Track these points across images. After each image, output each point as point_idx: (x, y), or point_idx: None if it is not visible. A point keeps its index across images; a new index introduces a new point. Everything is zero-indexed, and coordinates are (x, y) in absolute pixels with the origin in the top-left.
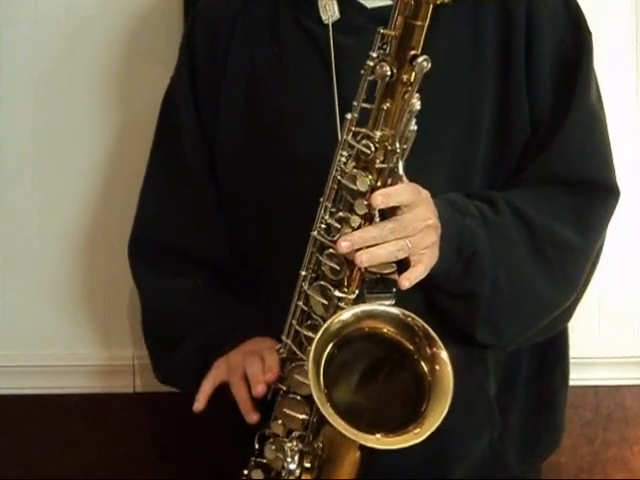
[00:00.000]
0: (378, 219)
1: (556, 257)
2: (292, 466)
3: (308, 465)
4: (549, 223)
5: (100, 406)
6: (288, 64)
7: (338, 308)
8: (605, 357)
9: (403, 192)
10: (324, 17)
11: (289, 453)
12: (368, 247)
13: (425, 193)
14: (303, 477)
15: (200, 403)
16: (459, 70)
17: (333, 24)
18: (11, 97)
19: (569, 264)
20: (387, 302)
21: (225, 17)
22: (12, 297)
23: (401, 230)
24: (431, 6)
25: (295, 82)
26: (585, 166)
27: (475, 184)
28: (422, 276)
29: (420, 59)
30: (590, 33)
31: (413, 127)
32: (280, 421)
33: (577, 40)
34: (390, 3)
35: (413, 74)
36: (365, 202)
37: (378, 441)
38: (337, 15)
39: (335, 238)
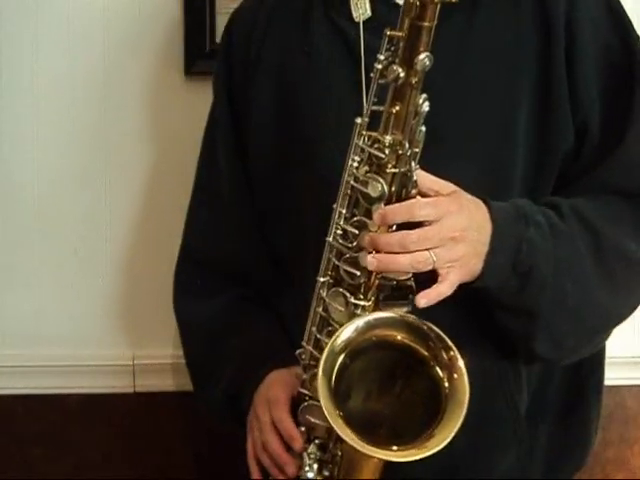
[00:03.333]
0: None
1: (621, 270)
2: (310, 474)
3: (327, 474)
4: (614, 234)
5: (100, 406)
6: (318, 63)
7: (355, 315)
8: (605, 357)
9: (416, 208)
10: (355, 15)
11: (307, 462)
12: (387, 252)
13: (455, 204)
14: None
15: (257, 475)
16: (495, 72)
17: (364, 22)
18: (11, 99)
19: (635, 277)
20: (403, 309)
21: (258, 18)
22: (12, 297)
23: (425, 241)
24: (438, 6)
25: (325, 82)
26: None
27: (514, 189)
28: (447, 293)
29: (422, 56)
30: (638, 36)
31: (422, 129)
32: (303, 428)
33: (625, 44)
34: None
35: (418, 74)
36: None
37: (389, 454)
38: (369, 13)
39: (354, 243)
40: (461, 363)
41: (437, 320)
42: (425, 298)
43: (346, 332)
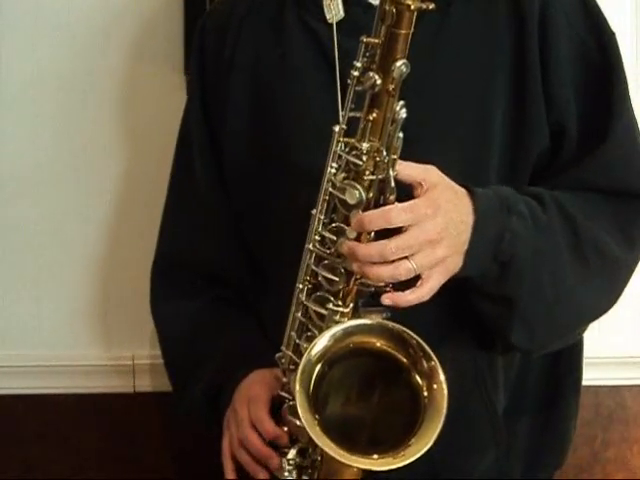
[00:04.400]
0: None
1: (599, 265)
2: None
3: (306, 478)
4: (594, 228)
5: (100, 406)
6: (292, 65)
7: (334, 321)
8: (605, 357)
9: (393, 215)
10: (328, 16)
11: (286, 467)
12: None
13: (432, 206)
14: None
15: (231, 475)
16: (469, 70)
17: (338, 23)
18: (11, 99)
19: (611, 274)
20: (382, 315)
21: (232, 20)
22: (12, 297)
23: (404, 249)
24: (415, 14)
25: (298, 84)
26: (629, 177)
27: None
28: (425, 298)
29: (399, 63)
30: (613, 34)
31: (399, 135)
32: (285, 428)
33: (601, 43)
34: None
35: (395, 81)
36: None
37: (367, 463)
38: (342, 14)
39: (332, 250)
40: (442, 376)
41: (414, 321)
42: (390, 300)
43: (323, 340)
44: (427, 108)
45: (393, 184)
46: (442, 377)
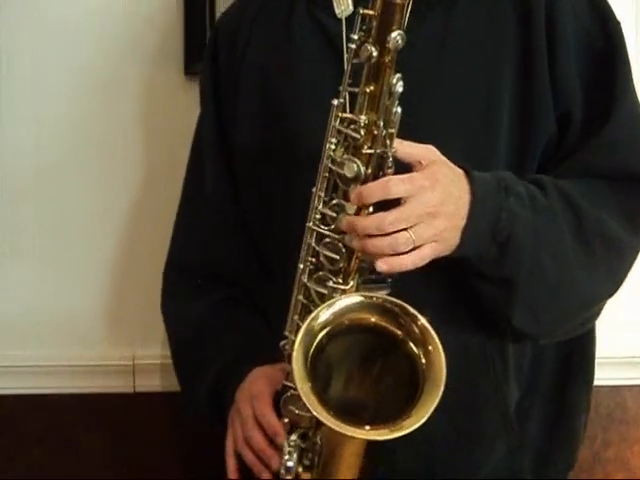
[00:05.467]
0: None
1: (602, 249)
2: (290, 463)
3: (307, 462)
4: (597, 213)
5: (100, 406)
6: (301, 60)
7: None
8: (605, 357)
9: (391, 185)
10: (337, 11)
11: (287, 449)
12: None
13: (430, 179)
14: (302, 477)
15: (234, 474)
16: (476, 62)
17: (347, 18)
18: (11, 99)
19: (615, 258)
20: (382, 292)
21: (243, 20)
22: (12, 297)
23: (402, 221)
24: None
25: (308, 79)
26: (633, 159)
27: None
28: (414, 265)
29: (394, 34)
30: (619, 22)
31: (397, 109)
32: (286, 420)
33: (605, 31)
34: None
35: (391, 52)
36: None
37: (366, 433)
38: (351, 8)
39: (332, 227)
40: (435, 336)
41: (422, 304)
42: (386, 264)
43: (320, 316)
44: (435, 100)
45: (391, 159)
46: (435, 337)
